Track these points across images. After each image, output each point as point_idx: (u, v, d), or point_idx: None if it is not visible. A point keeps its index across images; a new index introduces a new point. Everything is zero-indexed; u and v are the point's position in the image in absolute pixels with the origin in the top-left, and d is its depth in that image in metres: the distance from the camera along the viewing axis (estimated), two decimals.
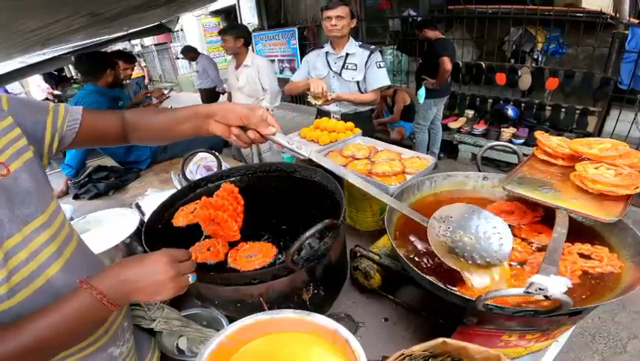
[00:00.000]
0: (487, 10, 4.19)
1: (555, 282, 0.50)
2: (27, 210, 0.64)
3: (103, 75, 2.56)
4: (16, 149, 0.65)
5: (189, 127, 0.84)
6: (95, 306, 0.61)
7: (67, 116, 0.76)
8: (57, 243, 0.69)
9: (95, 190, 2.33)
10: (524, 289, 0.52)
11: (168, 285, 0.67)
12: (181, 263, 0.70)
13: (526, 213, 1.06)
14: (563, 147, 1.10)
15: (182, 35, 10.56)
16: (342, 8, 2.26)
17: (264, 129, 0.78)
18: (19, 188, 0.63)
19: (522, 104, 4.41)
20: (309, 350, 0.83)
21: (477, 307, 0.58)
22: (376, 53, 2.43)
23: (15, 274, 0.61)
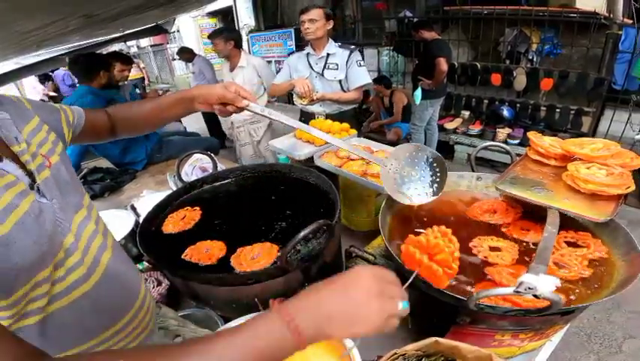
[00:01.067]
0: (483, 11, 4.21)
1: (544, 281, 0.51)
2: (73, 199, 0.68)
3: (97, 76, 2.56)
4: (51, 144, 0.69)
5: (179, 109, 0.95)
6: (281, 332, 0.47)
7: (74, 114, 0.82)
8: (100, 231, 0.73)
9: (91, 192, 2.32)
10: (514, 288, 0.52)
11: (371, 308, 0.50)
12: (388, 284, 0.55)
13: (509, 211, 1.07)
14: (555, 148, 1.11)
15: (178, 36, 10.53)
16: (315, 11, 2.32)
17: (239, 103, 0.92)
18: (62, 179, 0.66)
19: (517, 105, 4.44)
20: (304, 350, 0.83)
21: (469, 307, 0.59)
22: (356, 53, 2.49)
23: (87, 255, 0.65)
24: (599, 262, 0.80)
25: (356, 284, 0.51)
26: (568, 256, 0.76)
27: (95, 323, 0.66)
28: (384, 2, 5.36)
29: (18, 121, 0.62)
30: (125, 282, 0.74)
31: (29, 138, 0.63)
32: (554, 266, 0.74)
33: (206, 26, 9.59)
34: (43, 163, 0.62)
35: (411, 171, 1.02)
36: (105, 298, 0.67)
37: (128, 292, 0.75)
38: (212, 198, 1.33)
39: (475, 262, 0.88)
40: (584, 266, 0.75)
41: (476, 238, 0.98)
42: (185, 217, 1.17)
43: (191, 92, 0.95)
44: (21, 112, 0.65)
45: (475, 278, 0.81)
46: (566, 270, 0.74)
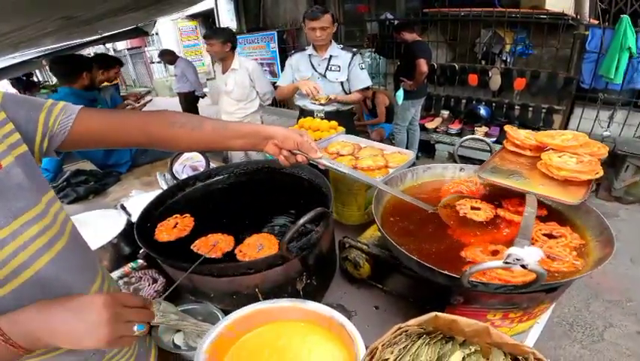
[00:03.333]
0: (460, 13, 4.37)
1: (530, 253, 0.56)
2: (19, 203, 0.64)
3: (79, 78, 2.52)
4: (8, 144, 0.65)
5: (243, 143, 0.89)
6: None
7: (61, 116, 0.73)
8: (48, 235, 0.69)
9: (75, 194, 2.27)
10: (503, 260, 0.58)
11: (100, 329, 0.56)
12: (127, 308, 0.62)
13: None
14: (529, 139, 1.19)
15: (157, 39, 10.36)
16: (325, 18, 2.33)
17: (314, 154, 0.91)
18: (10, 182, 0.64)
19: (493, 104, 4.62)
20: (307, 337, 0.86)
21: (463, 283, 0.64)
22: (358, 56, 2.56)
23: (5, 266, 0.61)
24: (580, 249, 0.88)
25: (90, 306, 0.58)
26: (556, 248, 0.82)
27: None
28: (366, 5, 5.47)
29: None
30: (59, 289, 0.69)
31: None
32: (548, 259, 0.79)
33: (187, 29, 9.50)
34: None
35: None
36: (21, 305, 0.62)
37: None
38: (207, 195, 1.35)
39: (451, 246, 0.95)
40: (575, 256, 0.81)
41: (463, 200, 1.09)
42: (177, 225, 1.14)
43: (268, 129, 0.90)
44: None
45: (455, 259, 0.88)
46: (559, 262, 0.79)
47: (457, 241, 0.97)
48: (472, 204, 1.08)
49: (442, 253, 0.91)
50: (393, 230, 1.03)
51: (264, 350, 0.84)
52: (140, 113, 0.87)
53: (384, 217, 1.10)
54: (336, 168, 0.99)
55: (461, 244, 0.95)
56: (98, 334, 0.56)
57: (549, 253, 0.80)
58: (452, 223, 1.00)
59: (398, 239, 0.99)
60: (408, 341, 0.61)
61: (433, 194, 1.21)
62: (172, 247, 1.07)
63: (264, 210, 1.20)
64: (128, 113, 0.86)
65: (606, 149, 1.07)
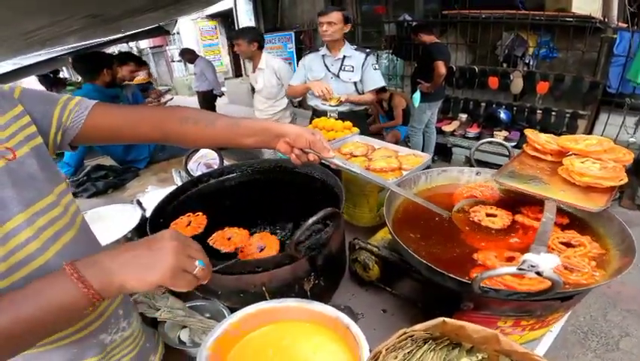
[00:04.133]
0: (480, 15, 4.28)
1: (546, 259, 0.54)
2: (31, 193, 0.66)
3: (100, 75, 2.59)
4: (24, 135, 0.67)
5: (255, 141, 0.88)
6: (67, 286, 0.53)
7: (75, 110, 0.74)
8: (59, 225, 0.70)
9: (94, 189, 2.34)
10: (517, 266, 0.55)
11: (166, 257, 0.57)
12: (189, 246, 0.62)
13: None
14: (551, 144, 1.15)
15: (178, 38, 10.58)
16: (334, 14, 2.36)
17: (326, 154, 0.88)
18: (24, 172, 0.66)
19: (514, 108, 4.50)
20: (312, 338, 0.85)
21: (473, 289, 0.62)
22: (371, 56, 2.55)
23: (14, 254, 0.63)
24: (599, 259, 0.83)
25: (159, 239, 0.59)
26: (574, 258, 0.78)
27: None
28: (384, 6, 5.43)
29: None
30: None
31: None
32: (565, 271, 0.76)
33: (206, 28, 9.66)
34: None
35: None
36: None
37: None
38: (220, 193, 1.36)
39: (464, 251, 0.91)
40: (594, 267, 0.77)
41: (478, 205, 1.06)
42: (190, 223, 1.15)
43: (282, 127, 0.88)
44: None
45: (467, 264, 0.85)
46: (577, 273, 0.75)
47: (470, 247, 0.94)
48: (488, 211, 1.05)
49: (454, 258, 0.89)
50: (405, 233, 1.01)
51: (268, 349, 0.84)
52: (153, 109, 0.88)
53: (396, 220, 1.08)
54: (349, 168, 0.98)
55: (475, 249, 0.92)
56: (163, 262, 0.56)
57: (567, 264, 0.77)
58: (466, 229, 0.97)
59: (409, 242, 0.97)
60: (413, 346, 0.59)
61: (446, 198, 1.18)
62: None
63: (276, 208, 1.21)
64: (142, 108, 0.86)
65: (632, 155, 1.02)
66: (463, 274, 0.69)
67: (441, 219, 1.05)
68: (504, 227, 0.97)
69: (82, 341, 0.74)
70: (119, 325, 0.84)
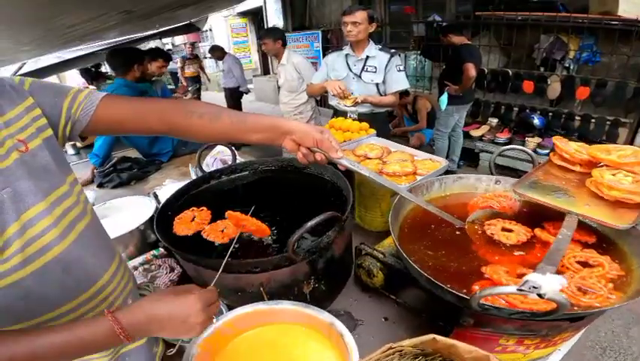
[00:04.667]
0: (517, 17, 4.09)
1: (550, 281, 0.49)
2: (46, 183, 0.68)
3: (131, 70, 2.67)
4: (36, 127, 0.69)
5: (261, 137, 0.86)
6: (111, 338, 0.60)
7: (85, 102, 0.75)
8: (73, 214, 0.72)
9: (118, 180, 2.43)
10: (518, 286, 0.50)
11: (197, 329, 0.66)
12: (210, 306, 0.69)
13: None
14: (580, 153, 1.06)
15: (210, 35, 10.85)
16: (359, 14, 2.28)
17: (334, 154, 0.85)
18: (37, 164, 0.67)
19: (549, 114, 4.26)
20: (305, 342, 0.84)
21: (472, 306, 0.57)
22: (396, 57, 2.46)
23: (31, 245, 0.64)
24: (618, 281, 0.76)
25: (188, 307, 0.65)
26: (589, 279, 0.71)
27: (24, 310, 0.67)
28: (413, 7, 5.31)
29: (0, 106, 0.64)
30: (79, 270, 0.73)
31: (11, 121, 0.65)
32: (578, 292, 0.70)
33: (237, 26, 9.81)
34: (11, 149, 0.64)
35: None
36: (42, 288, 0.67)
37: (77, 282, 0.73)
38: (228, 190, 1.36)
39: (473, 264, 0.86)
40: (611, 289, 0.71)
41: (495, 219, 0.99)
42: (194, 218, 1.15)
43: (288, 124, 0.86)
44: (7, 96, 0.67)
45: (473, 277, 0.79)
46: (591, 295, 0.69)
47: (481, 260, 0.88)
48: (505, 225, 0.98)
49: (462, 271, 0.84)
50: (413, 241, 0.97)
51: (260, 350, 0.83)
52: (161, 103, 0.87)
53: (405, 226, 1.04)
54: (358, 170, 0.94)
55: (486, 263, 0.87)
56: (195, 330, 0.66)
57: (581, 285, 0.70)
58: (478, 241, 0.91)
59: (416, 250, 0.93)
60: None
61: (461, 207, 1.11)
62: (188, 238, 1.08)
63: (283, 208, 1.19)
64: (150, 101, 0.86)
65: None
66: (466, 288, 0.64)
67: (453, 229, 1.00)
68: (518, 243, 0.89)
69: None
70: None
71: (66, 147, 3.46)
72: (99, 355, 0.77)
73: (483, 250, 0.90)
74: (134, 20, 3.48)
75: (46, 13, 2.38)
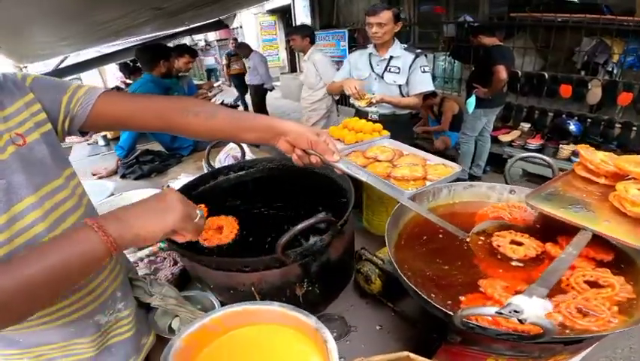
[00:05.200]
0: (556, 19, 3.87)
1: (533, 305, 0.44)
2: (40, 177, 0.69)
3: (157, 66, 2.75)
4: (34, 122, 0.71)
5: (256, 137, 0.86)
6: (87, 234, 0.56)
7: (83, 98, 0.77)
8: (66, 206, 0.74)
9: (140, 172, 2.51)
10: (498, 309, 0.46)
11: (177, 205, 0.63)
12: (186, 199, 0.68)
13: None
14: (607, 164, 0.97)
15: (240, 32, 11.05)
16: (384, 14, 2.19)
17: (329, 157, 0.83)
18: (34, 157, 0.69)
19: (587, 120, 4.01)
20: (292, 345, 0.81)
21: (455, 324, 0.53)
22: (421, 57, 2.35)
23: (18, 237, 0.65)
24: (627, 304, 0.68)
25: (165, 194, 0.65)
26: (593, 300, 0.64)
27: None
28: (444, 7, 5.15)
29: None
30: None
31: (10, 116, 0.67)
32: (577, 314, 0.64)
33: (266, 23, 9.93)
34: (8, 142, 0.65)
35: None
36: None
37: None
38: (233, 187, 1.37)
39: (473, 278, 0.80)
40: (614, 313, 0.64)
41: (505, 231, 0.93)
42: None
43: (283, 125, 0.85)
44: (8, 91, 0.69)
45: (467, 291, 0.74)
46: (591, 318, 0.63)
47: (482, 274, 0.82)
48: (515, 238, 0.91)
49: (457, 285, 0.78)
50: (410, 249, 0.92)
51: (245, 349, 0.81)
52: (158, 100, 0.88)
53: (404, 234, 0.99)
54: (355, 174, 0.92)
55: (486, 277, 0.81)
56: (174, 210, 0.62)
57: (582, 306, 0.63)
58: (481, 254, 0.85)
59: (412, 260, 0.88)
60: None
61: (470, 217, 1.05)
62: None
63: (286, 207, 1.18)
64: (148, 98, 0.87)
65: None
66: (457, 303, 0.60)
67: (456, 240, 0.94)
68: (525, 258, 0.83)
69: (79, 320, 0.77)
70: (115, 306, 0.87)
71: (97, 139, 3.62)
72: (84, 346, 0.79)
73: (485, 264, 0.84)
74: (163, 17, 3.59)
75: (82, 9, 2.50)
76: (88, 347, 0.79)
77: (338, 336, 0.96)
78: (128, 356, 0.89)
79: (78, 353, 0.79)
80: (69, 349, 0.77)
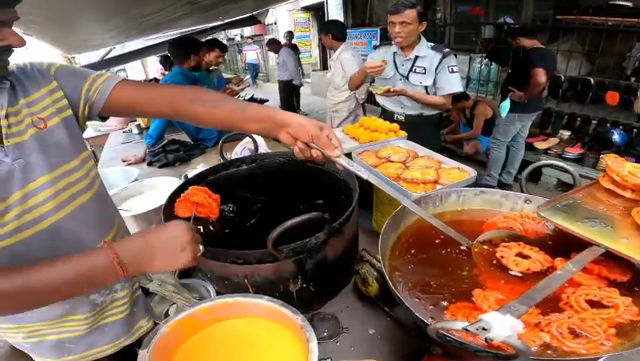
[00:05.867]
0: (606, 23, 3.60)
1: (504, 324, 0.40)
2: (57, 158, 0.75)
3: (187, 59, 2.83)
4: (56, 107, 0.77)
5: (259, 127, 0.87)
6: (106, 265, 0.63)
7: (101, 86, 0.82)
8: (78, 187, 0.79)
9: (165, 160, 2.60)
10: (466, 326, 0.42)
11: (187, 249, 0.69)
12: (195, 232, 0.74)
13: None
14: (635, 177, 0.89)
15: (275, 28, 11.17)
16: (408, 12, 2.07)
17: (331, 151, 0.83)
18: (53, 140, 0.75)
19: (634, 130, 3.70)
20: (277, 340, 0.81)
21: (429, 335, 0.50)
22: (450, 57, 2.23)
23: (28, 213, 0.70)
24: (629, 327, 0.61)
25: (176, 230, 0.70)
26: (590, 321, 0.59)
27: None
28: (484, 7, 4.93)
29: (26, 88, 0.74)
30: (70, 242, 0.78)
31: (34, 102, 0.74)
32: (568, 335, 0.59)
33: (300, 20, 9.94)
34: (29, 125, 0.72)
35: None
36: (32, 254, 0.70)
37: (69, 251, 0.73)
38: (241, 179, 1.38)
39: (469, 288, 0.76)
40: (610, 335, 0.59)
41: (513, 242, 0.87)
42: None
43: (284, 117, 0.85)
44: (34, 79, 0.75)
45: (458, 300, 0.70)
46: (582, 340, 0.58)
47: (481, 285, 0.78)
48: (523, 250, 0.85)
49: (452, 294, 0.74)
50: (408, 254, 0.89)
51: (230, 340, 0.82)
52: (170, 89, 0.92)
53: (406, 235, 0.96)
54: (356, 171, 0.89)
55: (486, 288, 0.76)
56: (187, 253, 0.69)
57: (576, 327, 0.57)
58: (483, 265, 0.81)
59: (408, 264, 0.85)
60: None
61: (477, 225, 0.99)
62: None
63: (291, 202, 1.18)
64: (160, 87, 0.93)
65: None
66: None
67: (461, 248, 0.89)
68: (528, 272, 0.77)
69: (74, 298, 0.81)
70: (112, 287, 0.90)
71: (132, 127, 3.80)
72: (76, 324, 0.82)
73: (486, 275, 0.79)
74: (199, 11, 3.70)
75: (123, 3, 2.63)
76: (80, 325, 0.83)
77: (329, 336, 0.94)
78: (118, 337, 0.92)
79: (70, 331, 0.83)
80: (61, 326, 0.82)
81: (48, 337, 0.83)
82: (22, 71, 0.75)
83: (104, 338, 0.90)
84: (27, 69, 0.76)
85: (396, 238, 0.94)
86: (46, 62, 0.81)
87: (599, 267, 0.75)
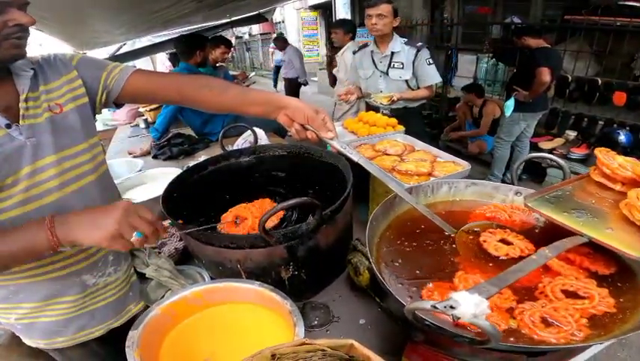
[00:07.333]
0: (615, 23, 3.56)
1: (470, 303, 0.41)
2: (65, 140, 0.81)
3: (193, 55, 2.87)
4: (73, 95, 0.83)
5: (259, 110, 0.93)
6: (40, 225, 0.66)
7: (117, 75, 0.89)
8: (83, 169, 0.84)
9: (169, 153, 2.65)
10: (434, 303, 0.44)
11: (109, 223, 0.66)
12: (138, 217, 0.69)
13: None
14: (625, 170, 0.90)
15: (283, 26, 11.21)
16: (384, 6, 2.20)
17: (324, 133, 0.88)
18: (65, 124, 0.81)
19: None
20: (264, 326, 0.84)
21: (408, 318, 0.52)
22: (424, 51, 2.34)
23: (35, 187, 0.76)
24: (606, 319, 0.63)
25: (113, 208, 0.68)
26: (563, 311, 0.60)
27: None
28: (492, 7, 4.89)
29: (47, 76, 0.80)
30: None
31: (53, 89, 0.80)
32: (541, 324, 0.60)
33: (308, 19, 9.97)
34: (46, 109, 0.78)
35: None
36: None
37: None
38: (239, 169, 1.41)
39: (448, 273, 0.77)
40: (582, 325, 0.59)
41: (498, 229, 0.90)
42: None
43: (283, 99, 0.92)
44: (55, 69, 0.82)
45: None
46: (553, 329, 0.58)
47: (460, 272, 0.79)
48: (506, 237, 0.87)
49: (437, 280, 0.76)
50: (397, 241, 0.91)
51: (221, 324, 0.85)
52: (180, 77, 0.98)
53: (395, 224, 0.98)
54: (348, 154, 0.93)
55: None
56: (107, 227, 0.66)
57: (548, 316, 0.59)
58: (464, 252, 0.82)
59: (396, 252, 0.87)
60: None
61: (466, 215, 1.01)
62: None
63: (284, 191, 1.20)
64: (171, 76, 1.01)
65: None
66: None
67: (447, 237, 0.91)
68: (507, 257, 0.78)
69: (65, 278, 0.85)
70: (105, 270, 0.94)
71: (139, 121, 3.86)
72: (64, 306, 0.87)
73: (467, 263, 0.81)
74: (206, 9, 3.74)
75: None
76: (69, 307, 0.87)
77: (319, 325, 0.96)
78: (108, 318, 0.96)
79: (60, 314, 0.87)
80: (51, 308, 0.85)
81: (39, 319, 0.87)
82: (46, 61, 0.83)
83: (94, 321, 0.94)
84: (50, 59, 0.83)
85: (386, 226, 0.96)
86: (69, 53, 0.88)
87: (580, 258, 0.76)
